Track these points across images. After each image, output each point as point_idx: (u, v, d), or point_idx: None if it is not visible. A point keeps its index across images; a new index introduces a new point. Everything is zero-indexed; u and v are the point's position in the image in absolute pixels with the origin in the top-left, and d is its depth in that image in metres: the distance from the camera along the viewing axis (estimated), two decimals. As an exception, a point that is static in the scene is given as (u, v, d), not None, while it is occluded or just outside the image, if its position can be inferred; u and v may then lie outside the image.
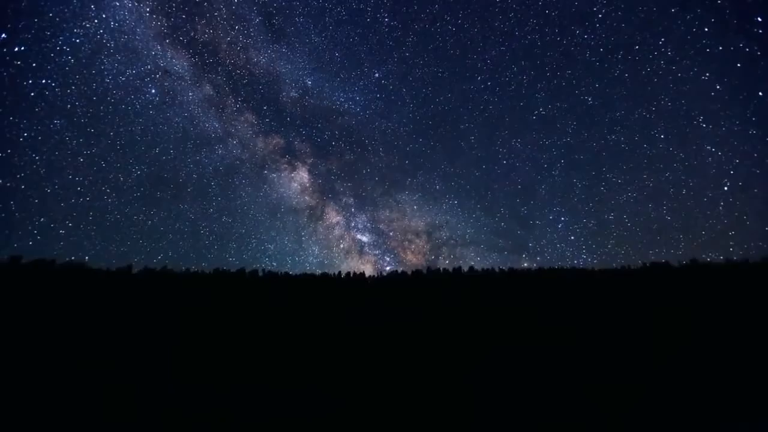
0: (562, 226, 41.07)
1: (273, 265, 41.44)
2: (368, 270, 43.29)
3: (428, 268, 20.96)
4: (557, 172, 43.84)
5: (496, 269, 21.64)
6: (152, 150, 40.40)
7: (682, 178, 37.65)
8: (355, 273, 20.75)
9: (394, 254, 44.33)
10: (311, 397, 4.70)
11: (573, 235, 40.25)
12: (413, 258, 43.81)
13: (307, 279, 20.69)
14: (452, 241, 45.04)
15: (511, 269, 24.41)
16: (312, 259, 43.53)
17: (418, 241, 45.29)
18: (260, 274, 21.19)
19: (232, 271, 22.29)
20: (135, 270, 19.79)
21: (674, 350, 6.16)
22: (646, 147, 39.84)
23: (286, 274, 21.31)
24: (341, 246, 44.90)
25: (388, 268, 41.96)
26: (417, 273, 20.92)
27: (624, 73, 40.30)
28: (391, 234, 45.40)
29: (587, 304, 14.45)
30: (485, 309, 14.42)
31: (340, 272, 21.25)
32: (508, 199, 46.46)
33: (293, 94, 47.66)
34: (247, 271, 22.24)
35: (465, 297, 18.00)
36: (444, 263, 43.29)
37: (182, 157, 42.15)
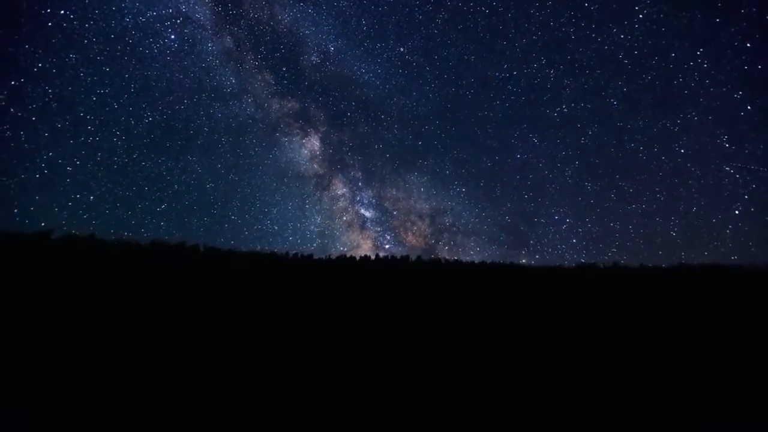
0: (566, 227, 39.89)
1: (275, 229, 40.80)
2: (367, 246, 42.92)
3: (377, 255, 21.55)
4: (570, 173, 41.91)
5: (442, 260, 22.70)
6: (166, 97, 38.51)
7: (695, 196, 35.45)
8: (302, 255, 20.72)
9: (395, 234, 44.16)
10: (240, 376, 4.65)
11: (575, 238, 39.18)
12: (413, 240, 43.65)
13: (252, 257, 20.20)
14: (454, 228, 44.93)
15: (456, 260, 25.50)
16: (313, 228, 43.19)
17: (420, 223, 45.03)
18: (201, 249, 20.28)
19: (171, 244, 21.11)
20: (55, 236, 18.02)
21: (670, 352, 6.70)
22: (664, 159, 37.38)
23: (230, 251, 20.59)
24: (344, 218, 44.41)
25: (387, 247, 41.91)
26: (365, 258, 21.36)
27: (655, 80, 37.46)
28: (394, 213, 45.04)
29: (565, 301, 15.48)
30: (427, 301, 14.99)
31: (287, 252, 21.02)
32: (516, 194, 44.65)
33: (314, 58, 45.16)
34: (187, 244, 21.19)
35: (406, 286, 18.61)
36: (443, 249, 43.42)
37: (195, 108, 40.39)
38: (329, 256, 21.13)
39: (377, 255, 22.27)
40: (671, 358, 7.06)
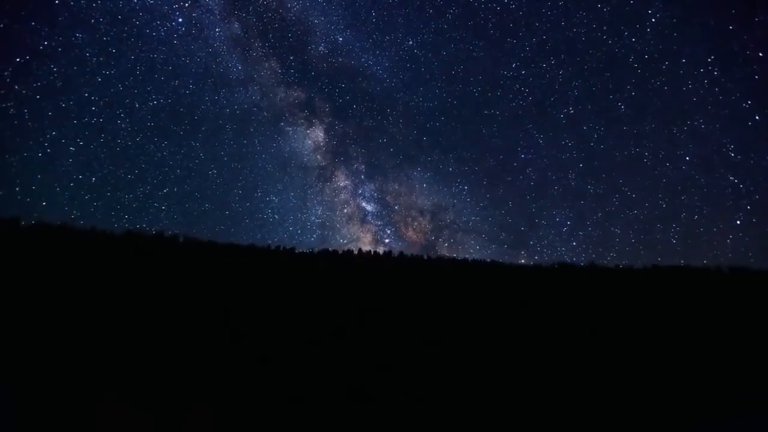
0: (566, 230, 40.43)
1: (275, 218, 41.60)
2: (367, 239, 43.31)
3: (359, 250, 21.46)
4: (573, 175, 42.42)
5: (424, 257, 22.89)
6: (171, 81, 39.48)
7: (697, 204, 36.02)
8: (284, 247, 20.49)
9: (396, 228, 44.68)
10: (208, 371, 4.66)
11: (575, 241, 39.78)
12: (414, 236, 44.07)
13: (232, 249, 19.87)
14: (455, 226, 45.36)
15: (440, 258, 25.85)
16: (314, 219, 44.06)
17: (421, 219, 45.52)
18: (180, 240, 19.84)
19: (147, 234, 20.54)
20: (24, 222, 17.15)
21: (667, 352, 6.96)
22: (668, 166, 37.96)
23: (211, 242, 20.20)
24: (345, 211, 44.98)
25: (387, 241, 42.27)
26: (348, 253, 21.30)
27: (664, 85, 37.78)
28: (396, 208, 45.42)
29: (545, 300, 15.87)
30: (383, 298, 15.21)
31: (269, 244, 20.72)
32: (518, 194, 45.26)
33: (321, 48, 45.83)
34: (165, 234, 20.68)
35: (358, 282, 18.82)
36: (443, 246, 43.82)
37: (200, 94, 41.81)
38: (312, 249, 21.06)
39: (360, 249, 22.28)
40: (649, 356, 7.49)
